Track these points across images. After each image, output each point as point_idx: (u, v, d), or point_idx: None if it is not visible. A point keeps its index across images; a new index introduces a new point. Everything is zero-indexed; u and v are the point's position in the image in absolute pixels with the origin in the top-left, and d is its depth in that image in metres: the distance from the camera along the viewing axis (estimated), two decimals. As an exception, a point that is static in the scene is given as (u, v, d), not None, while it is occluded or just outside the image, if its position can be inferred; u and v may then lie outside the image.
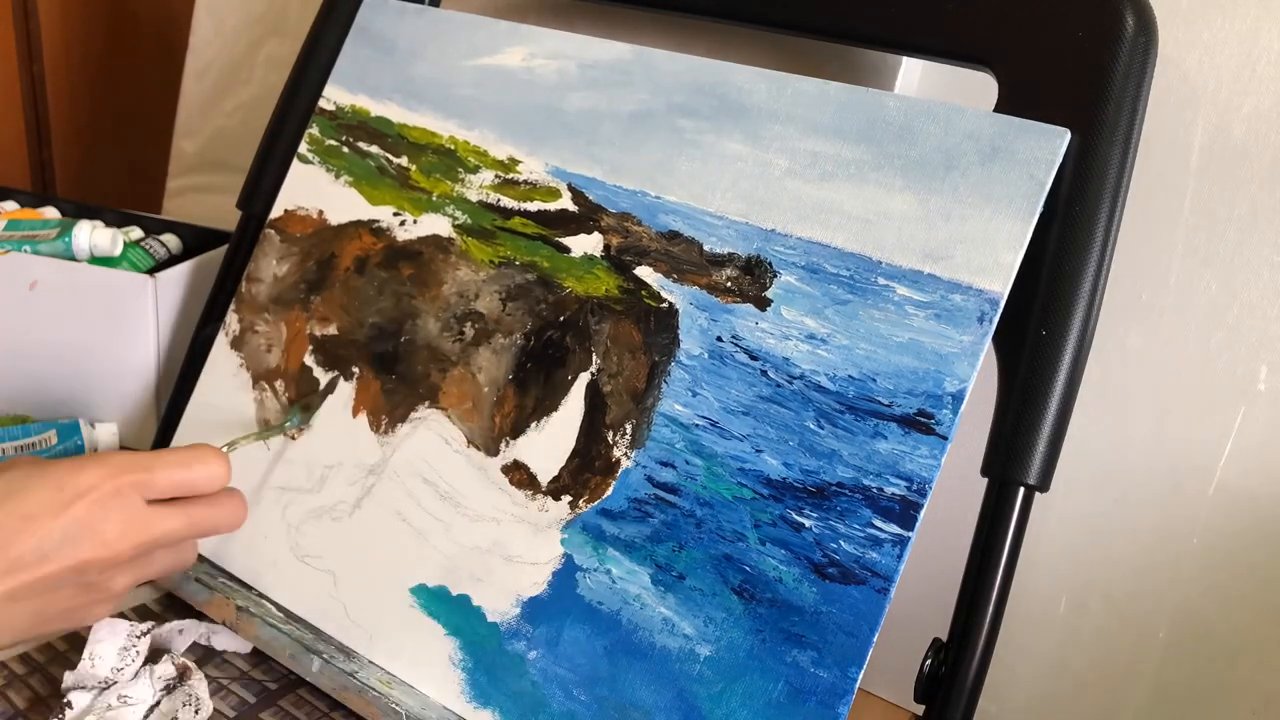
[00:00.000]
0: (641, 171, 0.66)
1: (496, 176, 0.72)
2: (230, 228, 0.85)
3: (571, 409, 0.64)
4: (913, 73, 0.73)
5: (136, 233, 0.96)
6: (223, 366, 0.78)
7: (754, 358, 0.60)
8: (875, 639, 0.53)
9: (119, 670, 0.64)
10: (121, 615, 0.73)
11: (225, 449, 0.64)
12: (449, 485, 0.66)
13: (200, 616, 0.71)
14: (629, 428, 0.62)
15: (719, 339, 0.61)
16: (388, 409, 0.70)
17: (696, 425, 0.60)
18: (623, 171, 0.67)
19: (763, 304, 0.60)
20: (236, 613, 0.70)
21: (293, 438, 0.73)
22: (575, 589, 0.61)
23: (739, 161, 0.64)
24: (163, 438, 0.80)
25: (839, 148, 0.61)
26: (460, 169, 0.73)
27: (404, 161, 0.76)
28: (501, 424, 0.66)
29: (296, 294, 0.77)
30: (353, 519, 0.69)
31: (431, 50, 0.77)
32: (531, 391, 0.66)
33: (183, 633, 0.69)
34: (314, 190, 0.79)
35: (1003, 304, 0.55)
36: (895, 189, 0.59)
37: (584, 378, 0.64)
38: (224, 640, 0.70)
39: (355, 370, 0.73)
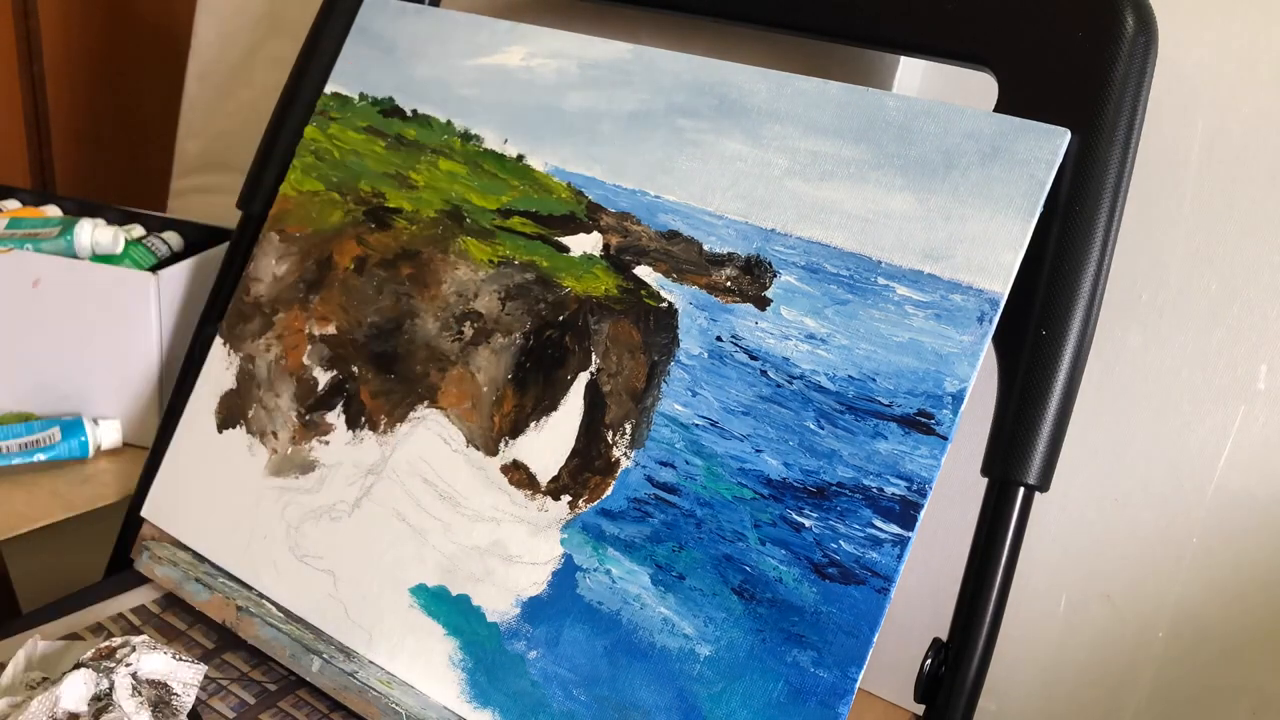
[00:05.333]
0: (641, 171, 0.66)
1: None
2: (234, 228, 0.85)
3: (571, 409, 0.64)
4: (913, 73, 0.73)
5: (138, 230, 0.96)
6: (222, 365, 0.78)
7: (754, 357, 0.60)
8: (875, 639, 0.53)
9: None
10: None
11: None
12: (448, 485, 0.66)
13: (202, 616, 0.71)
14: (628, 427, 0.62)
15: (718, 339, 0.61)
16: (387, 409, 0.70)
17: (696, 425, 0.60)
18: (622, 171, 0.67)
19: (762, 304, 0.60)
20: (237, 613, 0.70)
21: None
22: (575, 589, 0.61)
23: (739, 161, 0.63)
24: (164, 433, 0.80)
25: (839, 147, 0.61)
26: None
27: (403, 161, 0.76)
28: (501, 424, 0.66)
29: (296, 293, 0.77)
30: (352, 519, 0.69)
31: (432, 50, 0.77)
32: (531, 391, 0.66)
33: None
34: (313, 189, 0.79)
35: (1003, 304, 0.55)
36: (895, 189, 0.59)
37: (583, 377, 0.64)
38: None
39: (354, 370, 0.73)
